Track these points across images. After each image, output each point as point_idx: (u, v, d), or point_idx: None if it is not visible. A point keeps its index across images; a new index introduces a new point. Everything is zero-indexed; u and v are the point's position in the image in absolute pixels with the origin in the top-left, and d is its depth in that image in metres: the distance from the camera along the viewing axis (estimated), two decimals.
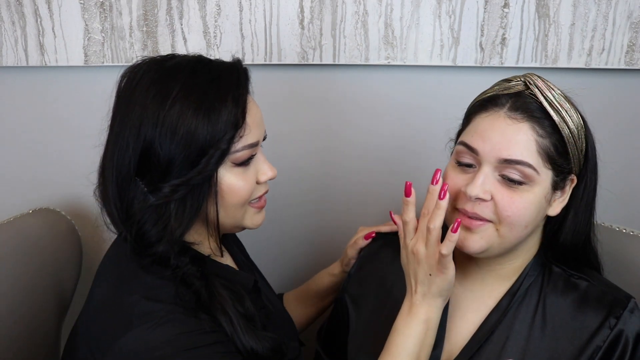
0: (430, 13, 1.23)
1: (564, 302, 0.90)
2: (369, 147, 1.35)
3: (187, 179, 0.84)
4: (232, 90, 0.86)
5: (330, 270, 1.18)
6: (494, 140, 0.84)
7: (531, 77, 0.87)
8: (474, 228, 0.85)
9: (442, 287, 0.85)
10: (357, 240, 1.11)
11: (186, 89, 0.84)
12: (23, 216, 1.21)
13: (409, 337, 0.85)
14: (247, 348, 0.86)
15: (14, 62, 1.28)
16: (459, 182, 0.87)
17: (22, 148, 1.36)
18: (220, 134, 0.84)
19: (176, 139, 0.83)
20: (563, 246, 0.92)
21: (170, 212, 0.85)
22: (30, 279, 1.12)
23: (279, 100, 1.33)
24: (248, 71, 0.92)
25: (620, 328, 0.85)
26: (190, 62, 0.89)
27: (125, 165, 0.85)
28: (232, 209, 0.90)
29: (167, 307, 0.82)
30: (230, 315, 0.86)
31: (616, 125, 1.30)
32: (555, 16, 1.22)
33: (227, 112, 0.84)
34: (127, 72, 0.89)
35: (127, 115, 0.85)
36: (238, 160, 0.88)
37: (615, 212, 1.26)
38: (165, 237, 0.86)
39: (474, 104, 0.91)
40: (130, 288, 0.85)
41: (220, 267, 0.95)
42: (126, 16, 1.25)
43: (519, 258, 0.92)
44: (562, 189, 0.88)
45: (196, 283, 0.86)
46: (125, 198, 0.87)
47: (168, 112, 0.83)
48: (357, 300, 1.04)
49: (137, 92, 0.85)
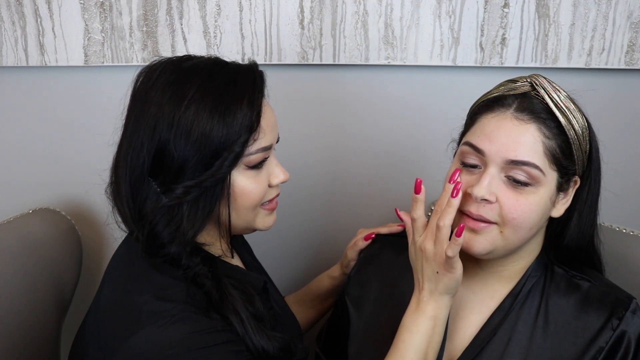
0: (430, 13, 1.23)
1: (567, 303, 0.90)
2: (369, 147, 1.35)
3: (200, 180, 0.84)
4: (248, 93, 0.86)
5: (330, 273, 1.18)
6: (500, 141, 0.84)
7: (537, 78, 0.87)
8: (478, 230, 0.85)
9: (449, 285, 0.85)
10: (356, 242, 1.11)
11: (202, 91, 0.84)
12: (23, 216, 1.21)
13: (416, 334, 0.85)
14: (258, 348, 0.86)
15: (14, 62, 1.28)
16: (464, 184, 0.86)
17: (22, 148, 1.36)
18: (235, 136, 0.84)
19: (191, 140, 0.83)
20: (567, 248, 0.92)
21: (182, 213, 0.85)
22: (30, 279, 1.12)
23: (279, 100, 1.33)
24: (264, 74, 0.92)
25: (623, 329, 0.85)
26: (207, 64, 0.89)
27: (139, 165, 0.85)
28: (243, 211, 0.90)
29: (178, 306, 0.82)
30: (242, 315, 0.86)
31: (616, 125, 1.30)
32: (555, 16, 1.22)
33: (242, 115, 0.84)
34: (143, 71, 0.89)
35: (142, 115, 0.85)
36: (251, 163, 0.88)
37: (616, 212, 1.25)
38: (178, 238, 0.86)
39: (478, 104, 0.91)
40: (141, 287, 0.85)
41: (230, 268, 0.95)
42: (126, 16, 1.25)
43: (522, 259, 0.92)
44: (566, 190, 0.88)
45: (207, 283, 0.86)
46: (138, 198, 0.87)
47: (184, 113, 0.83)
48: (358, 302, 1.03)
49: (153, 92, 0.85)
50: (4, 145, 1.36)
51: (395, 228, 1.09)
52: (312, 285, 1.21)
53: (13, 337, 1.05)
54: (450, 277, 0.84)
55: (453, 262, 0.83)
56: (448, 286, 0.85)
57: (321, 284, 1.19)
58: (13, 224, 1.17)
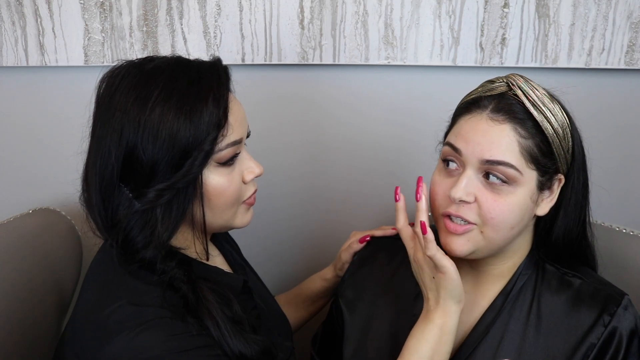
0: (430, 13, 1.23)
1: (558, 300, 0.90)
2: (369, 147, 1.35)
3: (172, 182, 0.83)
4: (213, 90, 0.85)
5: (322, 275, 1.18)
6: (476, 141, 0.84)
7: (514, 77, 0.87)
8: (459, 233, 0.86)
9: (449, 289, 0.85)
10: (351, 244, 1.10)
11: (166, 92, 0.83)
12: (23, 216, 1.21)
13: (422, 340, 0.85)
14: (235, 352, 0.85)
15: (14, 62, 1.28)
16: (445, 187, 0.87)
17: (22, 148, 1.36)
18: (203, 135, 0.83)
19: (159, 142, 0.82)
20: (556, 245, 0.92)
21: (156, 216, 0.84)
22: (30, 279, 1.11)
23: (279, 100, 1.33)
24: (228, 69, 0.91)
25: (615, 325, 0.85)
26: (169, 64, 0.88)
27: (109, 172, 0.84)
28: (219, 210, 0.89)
29: (154, 310, 0.81)
30: (217, 319, 0.85)
31: (616, 125, 1.30)
32: (555, 16, 1.22)
33: (209, 113, 0.84)
34: (105, 76, 0.88)
35: (107, 121, 0.84)
36: (222, 159, 0.87)
37: (615, 212, 1.26)
38: (153, 242, 0.85)
39: (459, 106, 0.92)
40: (117, 294, 0.84)
41: (208, 270, 0.94)
42: (126, 16, 1.25)
43: (510, 258, 0.92)
44: (550, 188, 0.88)
45: (183, 287, 0.85)
46: (110, 205, 0.86)
47: (149, 115, 0.82)
48: (353, 304, 1.03)
49: (117, 96, 0.84)
50: (4, 145, 1.36)
51: (390, 231, 1.09)
52: (304, 286, 1.20)
53: (13, 337, 1.05)
54: (445, 279, 0.85)
55: (438, 261, 0.84)
56: (448, 290, 0.85)
57: (313, 285, 1.19)
58: (13, 224, 1.17)
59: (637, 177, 1.34)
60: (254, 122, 1.34)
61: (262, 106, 1.33)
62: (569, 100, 0.90)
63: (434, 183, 0.90)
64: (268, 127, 1.35)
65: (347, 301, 1.04)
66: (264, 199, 1.39)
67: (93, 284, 0.90)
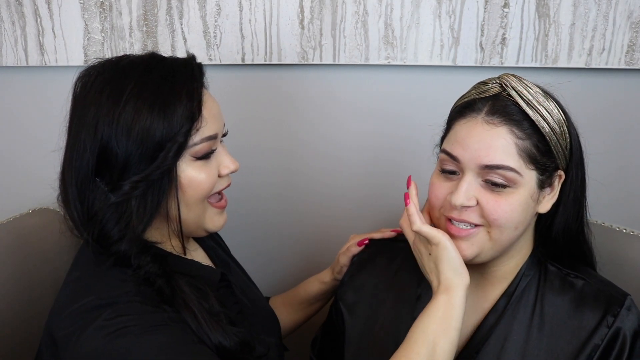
0: (430, 13, 1.23)
1: (561, 302, 0.90)
2: (369, 147, 1.35)
3: (147, 174, 0.84)
4: (187, 84, 0.87)
5: (320, 278, 1.17)
6: (473, 147, 0.84)
7: (507, 78, 0.87)
8: (462, 236, 0.86)
9: (445, 259, 0.84)
10: (349, 248, 1.10)
11: (140, 86, 0.85)
12: (22, 216, 1.21)
13: (425, 316, 0.84)
14: (214, 342, 0.85)
15: (14, 62, 1.28)
16: (444, 191, 0.87)
17: (21, 148, 1.36)
18: (177, 127, 0.85)
19: (132, 136, 0.83)
20: (556, 242, 0.92)
21: (131, 209, 0.85)
22: (30, 279, 1.12)
23: (279, 100, 1.33)
24: (202, 66, 0.92)
25: (618, 326, 0.85)
26: (143, 60, 0.89)
27: (84, 167, 0.85)
28: (193, 203, 0.90)
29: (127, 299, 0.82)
30: (194, 309, 0.85)
31: (616, 125, 1.30)
32: (555, 16, 1.22)
33: (182, 107, 0.85)
34: (81, 74, 0.90)
35: (83, 116, 0.86)
36: (198, 153, 0.88)
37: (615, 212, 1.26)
38: (128, 235, 0.86)
39: (453, 110, 0.91)
40: (90, 290, 0.84)
41: (184, 264, 0.94)
42: (126, 16, 1.25)
43: (512, 259, 0.92)
44: (550, 185, 0.88)
45: (158, 281, 0.86)
46: (86, 200, 0.87)
47: (123, 109, 0.83)
48: (353, 307, 1.03)
49: (92, 92, 0.86)
50: (4, 145, 1.36)
51: (388, 233, 1.09)
52: (301, 288, 1.20)
53: (13, 337, 1.05)
54: (439, 249, 0.84)
55: (426, 233, 0.85)
56: (445, 261, 0.84)
57: (310, 288, 1.18)
58: (12, 224, 1.17)
59: (637, 177, 1.34)
60: (253, 122, 1.35)
61: (262, 106, 1.33)
62: (569, 100, 0.90)
63: (432, 185, 0.90)
64: (268, 127, 1.35)
65: (347, 304, 1.04)
66: (264, 198, 1.40)
67: (69, 282, 0.91)
